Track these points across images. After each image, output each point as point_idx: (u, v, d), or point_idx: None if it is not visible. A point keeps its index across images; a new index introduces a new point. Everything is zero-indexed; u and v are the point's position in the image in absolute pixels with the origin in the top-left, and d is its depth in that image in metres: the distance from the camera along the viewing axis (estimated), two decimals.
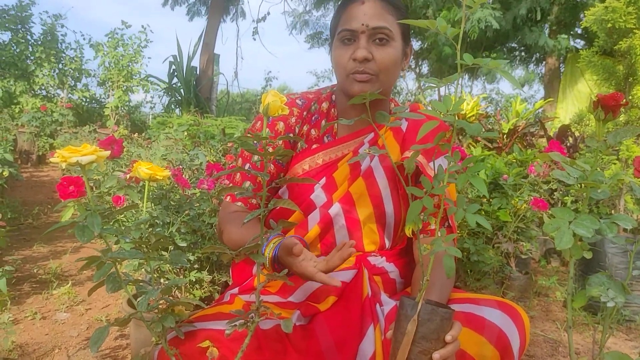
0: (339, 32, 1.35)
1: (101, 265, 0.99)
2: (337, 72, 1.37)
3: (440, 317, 0.96)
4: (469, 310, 1.17)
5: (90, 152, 0.96)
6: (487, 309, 1.17)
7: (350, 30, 1.32)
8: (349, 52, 1.32)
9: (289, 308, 1.27)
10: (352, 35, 1.32)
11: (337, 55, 1.35)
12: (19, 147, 7.38)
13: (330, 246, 1.37)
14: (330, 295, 1.24)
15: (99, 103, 10.31)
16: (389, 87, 1.39)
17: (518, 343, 1.13)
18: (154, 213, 1.80)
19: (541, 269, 3.44)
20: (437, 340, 0.96)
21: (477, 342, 1.10)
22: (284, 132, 1.39)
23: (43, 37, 9.61)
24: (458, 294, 1.30)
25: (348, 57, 1.32)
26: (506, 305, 1.20)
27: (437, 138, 0.98)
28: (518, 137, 4.01)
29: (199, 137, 4.68)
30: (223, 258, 1.05)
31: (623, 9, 3.94)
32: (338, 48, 1.35)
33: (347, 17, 1.33)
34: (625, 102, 0.86)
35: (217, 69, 12.48)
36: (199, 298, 1.98)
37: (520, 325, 1.16)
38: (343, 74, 1.34)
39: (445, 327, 0.97)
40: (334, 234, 1.38)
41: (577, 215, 0.99)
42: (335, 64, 1.37)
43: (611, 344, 2.31)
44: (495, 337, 1.11)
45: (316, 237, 1.37)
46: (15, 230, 3.73)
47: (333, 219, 1.36)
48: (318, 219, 1.36)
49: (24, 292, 2.52)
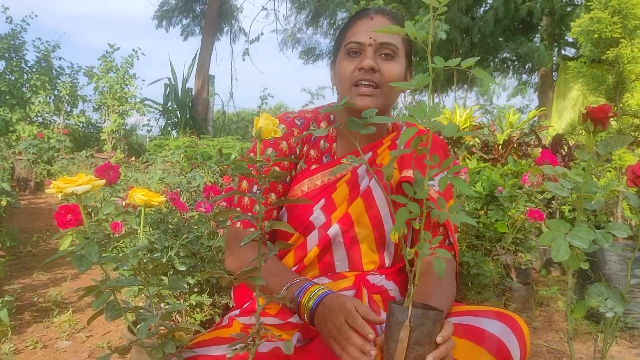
0: (345, 44, 1.36)
1: (100, 293, 0.99)
2: (341, 84, 1.37)
3: (432, 320, 0.96)
4: (467, 323, 1.17)
5: (85, 182, 0.96)
6: (485, 320, 1.17)
7: (358, 43, 1.33)
8: (354, 63, 1.33)
9: (288, 329, 1.27)
10: (359, 47, 1.33)
11: (342, 67, 1.36)
12: (16, 174, 7.38)
13: (328, 265, 1.38)
14: None
15: (96, 127, 10.34)
16: (389, 104, 1.40)
17: (518, 354, 1.13)
18: (152, 238, 1.80)
19: (542, 278, 3.44)
20: (430, 343, 0.96)
21: (477, 354, 1.10)
22: (287, 151, 1.40)
23: (37, 64, 9.66)
24: (456, 307, 1.30)
25: (353, 67, 1.33)
26: (505, 316, 1.20)
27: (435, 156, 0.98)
28: (513, 147, 4.03)
29: (196, 159, 4.69)
30: (222, 282, 1.05)
31: (608, 19, 3.98)
32: (343, 60, 1.36)
33: (355, 31, 1.35)
34: (613, 113, 0.87)
35: (212, 89, 12.54)
36: (199, 322, 1.97)
37: (519, 335, 1.16)
38: (347, 86, 1.35)
39: (437, 329, 0.97)
40: (332, 253, 1.38)
41: (572, 226, 1.00)
42: (340, 75, 1.37)
43: (615, 352, 2.30)
44: (495, 349, 1.10)
45: (315, 257, 1.37)
46: (15, 258, 3.72)
47: (332, 240, 1.36)
48: (317, 240, 1.36)
49: (25, 321, 2.51)
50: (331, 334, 1.06)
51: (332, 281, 1.34)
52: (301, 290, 1.16)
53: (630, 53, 4.01)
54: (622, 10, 4.01)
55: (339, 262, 1.37)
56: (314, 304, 1.12)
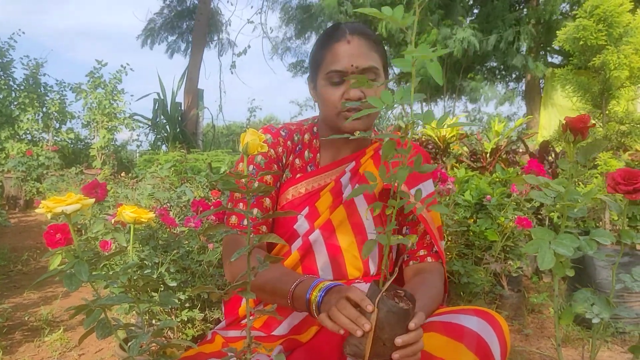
0: (327, 72, 1.37)
1: (90, 312, 1.00)
2: (326, 109, 1.40)
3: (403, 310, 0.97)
4: (447, 320, 1.18)
5: (74, 201, 0.97)
6: (464, 316, 1.18)
7: (339, 72, 1.35)
8: (339, 91, 1.36)
9: (271, 341, 1.27)
10: (341, 76, 1.35)
11: (326, 94, 1.38)
12: (5, 192, 7.35)
13: (314, 273, 1.38)
14: (312, 326, 1.25)
15: (85, 144, 10.29)
16: (374, 119, 1.44)
17: (498, 349, 1.13)
18: (142, 254, 1.80)
19: (534, 285, 3.45)
20: (402, 329, 0.97)
21: (457, 350, 1.10)
22: (275, 158, 1.42)
23: (25, 82, 9.63)
24: (440, 309, 1.32)
25: (339, 96, 1.35)
26: (483, 312, 1.21)
27: (416, 162, 1.00)
28: (501, 155, 4.06)
29: (186, 173, 4.68)
30: (212, 297, 1.06)
31: (593, 26, 4.04)
32: (326, 87, 1.38)
33: (334, 57, 1.36)
34: (592, 123, 0.89)
35: (201, 103, 12.54)
36: (191, 337, 1.97)
37: (498, 331, 1.17)
38: (333, 112, 1.37)
39: (409, 317, 0.98)
40: (315, 260, 1.38)
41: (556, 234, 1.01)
42: (325, 102, 1.39)
43: (606, 357, 2.32)
44: (475, 344, 1.10)
45: (296, 262, 1.37)
46: (5, 277, 3.69)
47: (312, 245, 1.38)
48: (299, 246, 1.38)
49: (16, 341, 2.49)
50: (328, 309, 1.06)
51: None
52: (311, 288, 1.15)
53: (616, 60, 4.06)
54: (607, 18, 4.08)
55: (322, 270, 1.38)
56: (320, 295, 1.12)
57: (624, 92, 4.27)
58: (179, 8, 14.38)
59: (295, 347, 1.22)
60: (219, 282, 2.05)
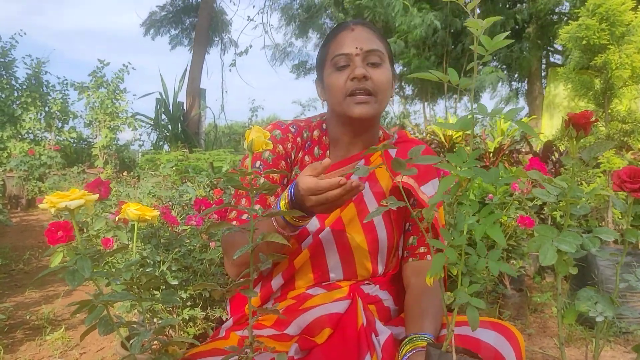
0: (332, 58, 1.36)
1: (93, 309, 0.99)
2: (333, 96, 1.38)
3: None
4: (463, 333, 1.17)
5: (78, 197, 0.97)
6: (481, 330, 1.17)
7: (345, 54, 1.34)
8: (344, 74, 1.34)
9: (284, 341, 1.27)
10: (346, 59, 1.34)
11: (332, 80, 1.36)
12: (8, 192, 7.35)
13: (322, 273, 1.37)
14: (325, 328, 1.24)
15: (88, 143, 10.30)
16: (382, 110, 1.41)
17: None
18: (144, 252, 1.80)
19: (536, 285, 3.44)
20: None
21: None
22: (283, 154, 1.40)
23: (28, 81, 9.64)
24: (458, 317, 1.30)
25: (345, 78, 1.34)
26: (500, 326, 1.20)
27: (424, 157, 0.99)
28: (504, 155, 4.05)
29: (188, 172, 4.68)
30: (214, 295, 1.06)
31: (596, 25, 4.03)
32: (332, 74, 1.36)
33: (339, 44, 1.36)
34: (595, 119, 0.88)
35: (203, 103, 12.55)
36: (193, 335, 1.97)
37: (515, 344, 1.16)
38: (340, 97, 1.35)
39: None
40: (325, 259, 1.37)
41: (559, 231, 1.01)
42: (331, 88, 1.37)
43: (609, 357, 2.31)
44: (492, 359, 1.11)
45: (307, 261, 1.36)
46: (7, 276, 3.70)
47: (323, 243, 1.36)
48: (310, 244, 1.36)
49: (17, 340, 2.49)
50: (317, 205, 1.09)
51: (326, 291, 1.35)
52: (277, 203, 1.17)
53: (618, 59, 4.05)
54: (610, 17, 4.07)
55: (333, 269, 1.37)
56: (290, 192, 1.13)
57: (627, 91, 4.26)
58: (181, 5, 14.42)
59: (312, 347, 1.21)
60: (221, 281, 2.04)
